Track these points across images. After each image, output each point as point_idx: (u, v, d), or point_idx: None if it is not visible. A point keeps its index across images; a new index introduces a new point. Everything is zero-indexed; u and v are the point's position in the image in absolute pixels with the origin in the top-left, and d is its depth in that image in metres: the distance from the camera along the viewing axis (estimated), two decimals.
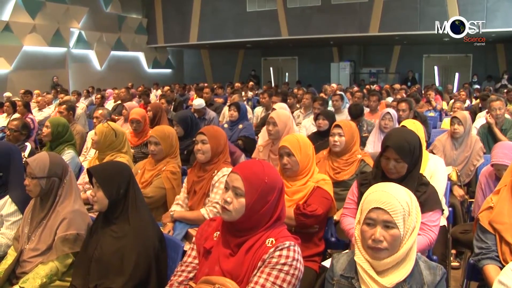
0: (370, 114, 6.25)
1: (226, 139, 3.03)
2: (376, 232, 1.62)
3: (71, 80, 16.37)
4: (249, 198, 1.71)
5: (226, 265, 1.75)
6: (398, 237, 1.62)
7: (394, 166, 2.37)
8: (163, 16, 19.23)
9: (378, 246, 1.62)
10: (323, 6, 15.36)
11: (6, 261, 2.47)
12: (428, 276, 1.68)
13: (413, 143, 2.38)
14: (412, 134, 2.50)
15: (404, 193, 1.68)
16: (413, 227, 1.65)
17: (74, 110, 5.94)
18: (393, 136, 2.44)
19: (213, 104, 7.95)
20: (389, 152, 2.37)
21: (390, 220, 1.61)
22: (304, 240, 2.13)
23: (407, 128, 2.97)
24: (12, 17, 14.06)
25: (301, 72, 20.72)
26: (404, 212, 1.62)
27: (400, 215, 1.61)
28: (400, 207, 1.62)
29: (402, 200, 1.64)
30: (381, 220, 1.62)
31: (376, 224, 1.63)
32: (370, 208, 1.64)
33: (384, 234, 1.62)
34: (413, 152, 2.36)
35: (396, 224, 1.61)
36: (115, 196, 2.20)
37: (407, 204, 1.64)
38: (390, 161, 2.37)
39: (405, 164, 2.36)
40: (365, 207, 1.68)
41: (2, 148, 2.89)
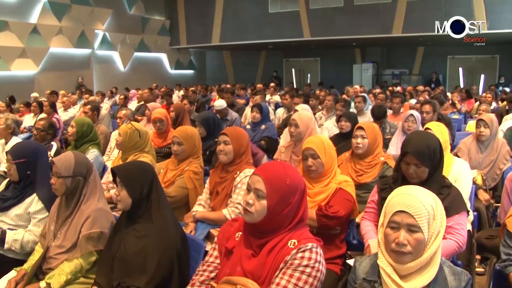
0: (393, 116, 6.19)
1: (248, 140, 3.03)
2: (400, 236, 1.60)
3: (95, 80, 16.64)
4: (271, 200, 1.71)
5: (247, 266, 1.75)
6: (423, 241, 1.59)
7: (414, 171, 2.33)
8: (186, 18, 19.37)
9: (402, 250, 1.60)
10: (346, 7, 15.27)
11: (33, 257, 2.53)
12: (452, 281, 1.65)
13: (432, 146, 2.34)
14: (431, 137, 2.46)
15: (429, 196, 1.65)
16: (438, 231, 1.63)
17: (98, 110, 6.03)
18: (412, 141, 2.39)
19: (235, 105, 7.98)
20: (408, 158, 2.34)
21: (414, 223, 1.58)
22: (326, 242, 2.12)
23: (425, 131, 2.92)
24: (40, 20, 14.37)
25: (323, 74, 20.62)
26: (429, 215, 1.60)
27: (424, 219, 1.58)
28: (425, 211, 1.59)
29: (427, 203, 1.61)
30: (405, 223, 1.60)
31: (400, 227, 1.61)
32: (394, 211, 1.62)
33: (408, 237, 1.59)
34: (433, 156, 2.32)
35: (420, 228, 1.58)
36: (138, 195, 2.22)
37: (432, 207, 1.62)
38: (410, 166, 2.34)
39: (426, 168, 2.32)
40: (388, 210, 1.66)
41: (30, 147, 2.96)
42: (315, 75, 20.74)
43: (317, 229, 2.51)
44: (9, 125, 4.65)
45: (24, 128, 7.12)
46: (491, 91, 9.97)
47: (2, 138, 4.61)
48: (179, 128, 3.55)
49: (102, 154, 4.44)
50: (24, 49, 13.86)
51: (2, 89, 11.61)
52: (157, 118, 4.62)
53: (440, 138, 3.18)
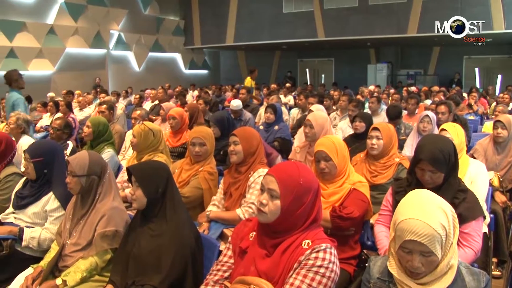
0: (408, 117, 6.14)
1: (260, 140, 3.02)
2: (413, 260, 1.57)
3: (110, 80, 16.77)
4: (284, 200, 1.71)
5: (261, 266, 1.75)
6: (436, 261, 1.58)
7: (430, 177, 2.30)
8: (200, 18, 19.43)
9: (417, 271, 1.59)
10: (360, 7, 15.18)
11: (50, 254, 2.57)
12: (471, 282, 1.64)
13: (447, 151, 2.29)
14: (445, 141, 2.41)
15: (439, 214, 1.58)
16: (451, 243, 1.60)
17: (113, 110, 6.09)
18: (426, 147, 2.33)
19: (249, 105, 7.98)
20: (423, 164, 2.30)
21: (427, 250, 1.55)
22: (340, 243, 2.11)
23: (438, 135, 2.89)
24: (56, 21, 14.55)
25: (338, 74, 20.52)
26: (441, 238, 1.55)
27: (437, 244, 1.54)
28: (437, 236, 1.54)
29: (437, 226, 1.54)
30: (418, 250, 1.56)
31: (413, 253, 1.58)
32: (405, 239, 1.57)
33: (422, 260, 1.57)
34: (448, 161, 2.28)
35: (433, 252, 1.55)
36: (153, 195, 2.24)
37: (443, 228, 1.56)
38: (426, 172, 2.30)
39: (441, 174, 2.29)
40: (398, 233, 1.60)
41: (47, 146, 3.00)
42: (329, 75, 20.67)
43: (331, 230, 2.50)
44: (20, 125, 4.71)
45: (41, 127, 7.22)
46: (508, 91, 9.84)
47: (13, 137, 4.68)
48: (198, 129, 3.52)
49: (117, 153, 4.48)
50: (41, 49, 14.04)
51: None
52: (170, 116, 4.71)
53: (456, 139, 3.17)
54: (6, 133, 3.53)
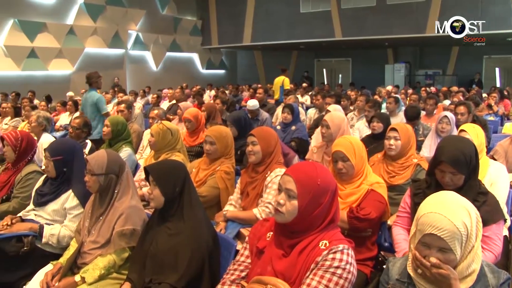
0: (426, 117, 6.07)
1: (277, 140, 3.02)
2: (430, 256, 1.58)
3: (128, 80, 16.94)
4: (302, 200, 1.71)
5: (278, 266, 1.75)
6: (454, 260, 1.57)
7: (450, 178, 2.27)
8: (217, 18, 19.50)
9: None
10: (378, 6, 15.06)
11: (69, 251, 2.60)
12: (492, 279, 1.63)
13: (468, 152, 2.26)
14: (466, 142, 2.38)
15: (462, 212, 1.59)
16: (472, 246, 1.59)
17: (132, 109, 6.14)
18: (447, 148, 2.31)
19: (266, 105, 7.98)
20: (444, 166, 2.27)
21: (445, 246, 1.55)
22: (357, 244, 2.10)
23: (459, 136, 2.85)
24: (76, 21, 14.75)
25: (355, 74, 20.43)
26: (462, 236, 1.55)
27: (457, 242, 1.55)
28: (457, 233, 1.54)
29: (459, 223, 1.55)
30: (436, 245, 1.57)
31: (431, 248, 1.58)
32: (425, 232, 1.58)
33: (439, 257, 1.57)
34: (469, 163, 2.25)
35: (451, 250, 1.55)
36: (171, 194, 2.25)
37: (465, 227, 1.56)
38: (446, 174, 2.27)
39: (462, 175, 2.26)
40: (420, 227, 1.62)
41: (67, 145, 3.05)
42: (347, 75, 20.57)
43: (348, 231, 2.48)
44: (41, 123, 4.79)
45: (60, 126, 7.32)
46: None
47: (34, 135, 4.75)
48: (213, 127, 3.56)
49: (134, 152, 4.51)
50: (60, 49, 14.25)
51: (40, 89, 11.97)
52: (185, 118, 4.69)
53: (476, 140, 3.12)
54: (27, 132, 3.58)
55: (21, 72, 13.29)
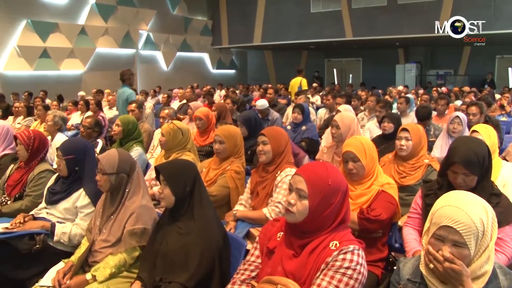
0: (437, 118, 6.03)
1: (288, 139, 3.02)
2: (444, 250, 1.55)
3: (139, 80, 17.01)
4: (313, 201, 1.71)
5: (289, 266, 1.75)
6: (467, 257, 1.55)
7: (463, 180, 2.25)
8: (228, 18, 19.54)
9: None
10: (389, 6, 14.98)
11: (80, 250, 2.62)
12: (504, 281, 1.61)
13: (481, 153, 2.24)
14: (479, 143, 2.36)
15: (479, 209, 1.57)
16: (487, 245, 1.57)
17: (143, 108, 6.17)
18: (459, 149, 2.28)
19: (276, 105, 7.98)
20: (456, 167, 2.25)
21: (460, 240, 1.53)
22: (367, 245, 2.09)
23: (472, 137, 2.81)
24: (87, 21, 14.85)
25: (365, 74, 20.33)
26: (478, 232, 1.53)
27: (472, 236, 1.52)
28: (473, 228, 1.52)
29: (476, 218, 1.53)
30: (451, 239, 1.55)
31: (445, 241, 1.56)
32: (441, 225, 1.56)
33: (453, 251, 1.55)
34: (482, 164, 2.23)
35: (466, 245, 1.53)
36: (181, 193, 2.26)
37: (481, 222, 1.54)
38: (459, 175, 2.26)
39: (475, 176, 2.24)
40: (435, 220, 1.60)
41: (79, 144, 3.07)
42: (357, 75, 20.48)
43: (358, 232, 2.47)
44: (57, 122, 4.85)
45: (72, 125, 7.37)
46: None
47: (49, 134, 4.80)
48: (222, 127, 3.58)
49: (145, 151, 4.54)
50: (72, 49, 14.35)
51: (51, 88, 12.06)
52: (197, 116, 4.72)
53: (488, 141, 3.09)
54: (40, 131, 3.61)
55: (34, 72, 13.41)
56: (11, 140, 3.88)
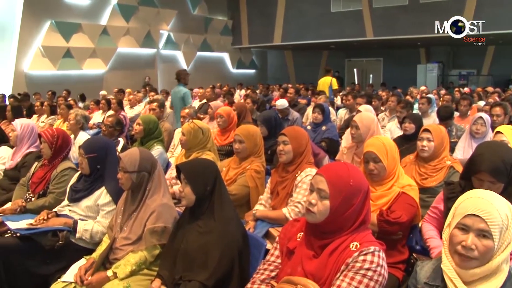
0: (459, 118, 5.94)
1: (308, 139, 3.01)
2: (467, 239, 1.52)
3: (159, 79, 17.18)
4: (334, 201, 1.70)
5: (308, 267, 1.75)
6: (491, 249, 1.51)
7: (489, 187, 2.18)
8: (248, 18, 19.58)
9: (468, 254, 1.52)
10: (411, 5, 14.82)
11: (101, 247, 2.66)
12: None
13: (508, 160, 2.18)
14: (506, 149, 2.31)
15: (504, 204, 1.55)
16: (509, 242, 1.53)
17: (164, 107, 6.23)
18: (486, 156, 2.23)
19: (296, 105, 7.96)
20: (483, 175, 2.21)
21: (486, 229, 1.49)
22: (388, 247, 2.06)
23: (498, 142, 2.76)
24: (109, 21, 15.07)
25: (386, 74, 20.16)
26: (503, 224, 1.50)
27: (497, 227, 1.49)
28: (499, 218, 1.49)
29: (502, 211, 1.51)
30: (476, 228, 1.51)
31: (470, 231, 1.52)
32: (466, 214, 1.53)
33: (476, 242, 1.51)
34: (509, 171, 2.18)
35: (491, 235, 1.49)
36: (202, 192, 2.28)
37: (506, 216, 1.51)
38: (484, 183, 2.21)
39: (502, 184, 2.19)
40: (459, 211, 1.57)
41: (101, 142, 3.11)
42: (378, 75, 20.32)
43: (378, 234, 2.45)
44: (79, 121, 4.92)
45: (94, 124, 7.47)
46: None
47: (72, 133, 4.88)
48: (241, 126, 3.59)
49: (166, 150, 4.57)
50: (94, 49, 14.56)
51: (74, 88, 12.26)
52: (218, 114, 4.76)
53: None
54: (63, 129, 3.67)
55: (57, 72, 13.64)
56: (36, 138, 3.95)
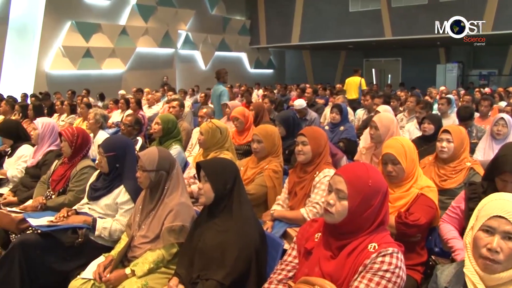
0: (480, 119, 5.85)
1: (327, 140, 3.00)
2: (493, 241, 1.48)
3: (177, 79, 17.29)
4: (352, 201, 1.69)
5: (326, 267, 1.74)
6: None
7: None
8: (266, 18, 19.57)
9: (493, 257, 1.48)
10: (430, 4, 14.63)
11: (120, 245, 2.69)
12: None
13: None
14: None
15: None
16: None
17: (183, 106, 6.26)
18: (510, 158, 2.22)
19: (314, 105, 7.93)
20: (507, 176, 2.19)
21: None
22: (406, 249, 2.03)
23: None
24: (128, 22, 15.23)
25: (405, 74, 19.94)
26: None
27: None
28: None
29: None
30: (502, 230, 1.48)
31: (495, 233, 1.49)
32: (491, 215, 1.50)
33: (502, 245, 1.47)
34: None
35: None
36: (221, 190, 2.28)
37: None
38: (508, 183, 2.19)
39: None
40: (483, 213, 1.54)
41: (120, 141, 3.14)
42: (396, 75, 20.13)
43: (396, 236, 2.42)
44: (98, 120, 4.99)
45: (112, 123, 7.55)
46: None
47: (91, 132, 4.94)
48: (260, 126, 3.59)
49: (184, 150, 4.59)
50: (113, 49, 14.74)
51: (93, 87, 12.42)
52: (234, 117, 4.74)
53: None
54: (83, 128, 3.72)
55: (77, 71, 13.83)
56: (56, 137, 4.00)
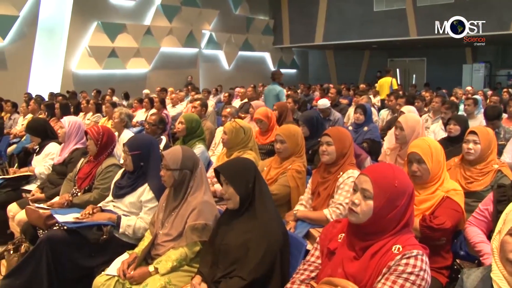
0: (508, 120, 5.73)
1: (351, 141, 2.98)
2: None
3: (201, 78, 17.37)
4: (378, 202, 1.68)
5: (349, 268, 1.73)
6: None
7: None
8: (289, 17, 19.52)
9: None
10: (457, 3, 14.35)
11: (143, 242, 2.73)
12: None
13: None
14: None
15: None
16: None
17: (206, 106, 6.30)
18: None
19: (338, 105, 7.89)
20: None
21: None
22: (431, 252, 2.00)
23: None
24: (153, 22, 15.37)
25: (430, 74, 19.62)
26: None
27: None
28: None
29: None
30: None
31: None
32: None
33: None
34: None
35: None
36: (244, 190, 2.28)
37: None
38: None
39: None
40: (511, 217, 1.50)
41: (145, 140, 3.18)
42: (421, 75, 19.84)
43: (420, 239, 2.38)
44: (123, 119, 5.06)
45: (137, 122, 7.65)
46: None
47: (116, 131, 5.01)
48: (283, 126, 3.58)
49: (207, 149, 4.61)
50: (138, 49, 14.89)
51: (118, 86, 12.59)
52: (257, 119, 4.75)
53: None
54: (108, 127, 3.78)
55: (102, 71, 14.04)
56: (82, 135, 4.08)
